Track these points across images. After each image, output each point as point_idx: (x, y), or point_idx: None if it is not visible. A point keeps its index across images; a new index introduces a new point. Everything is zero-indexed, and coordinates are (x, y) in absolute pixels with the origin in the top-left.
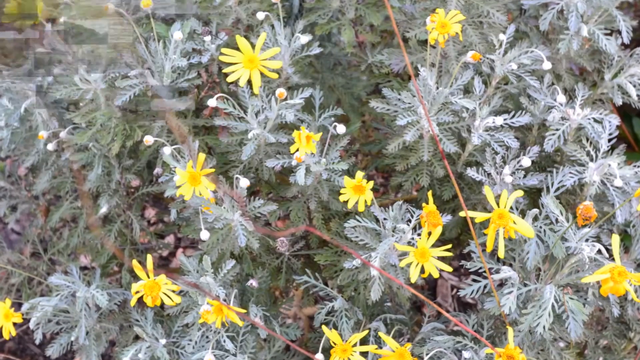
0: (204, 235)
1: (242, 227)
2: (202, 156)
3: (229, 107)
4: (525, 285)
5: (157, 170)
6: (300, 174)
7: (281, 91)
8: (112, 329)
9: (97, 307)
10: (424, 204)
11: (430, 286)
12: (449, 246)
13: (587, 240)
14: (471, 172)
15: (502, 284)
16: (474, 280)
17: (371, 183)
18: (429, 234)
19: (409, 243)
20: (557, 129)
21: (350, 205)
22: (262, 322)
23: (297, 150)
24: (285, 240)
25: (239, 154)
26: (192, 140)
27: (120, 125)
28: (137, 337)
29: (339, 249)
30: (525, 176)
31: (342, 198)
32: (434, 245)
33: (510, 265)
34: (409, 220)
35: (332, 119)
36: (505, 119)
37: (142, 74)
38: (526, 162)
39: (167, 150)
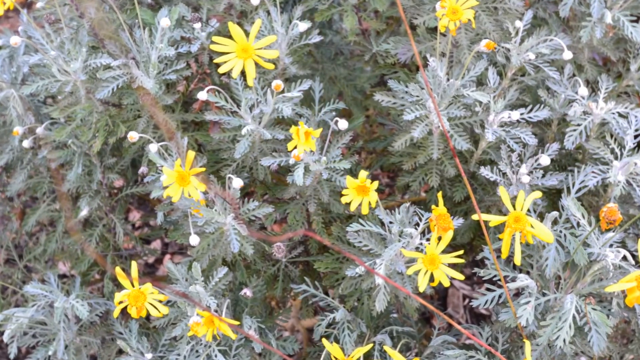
0: (194, 240)
1: (235, 231)
2: (191, 154)
3: (221, 101)
4: (544, 294)
5: (143, 169)
6: (299, 174)
7: (278, 83)
8: (93, 342)
9: (77, 318)
10: (433, 206)
11: (440, 296)
12: (461, 252)
13: (611, 245)
14: (485, 172)
15: (518, 293)
16: (488, 290)
17: (376, 183)
18: (439, 238)
19: (417, 249)
20: (578, 125)
21: (353, 208)
22: (257, 334)
23: (295, 147)
24: (282, 245)
25: (231, 151)
26: (180, 136)
27: (102, 121)
28: (120, 352)
29: (340, 255)
30: (543, 176)
31: (344, 200)
32: (444, 251)
33: (528, 273)
34: (417, 224)
35: (333, 113)
36: (522, 114)
37: (125, 64)
38: (545, 160)
39: (153, 147)
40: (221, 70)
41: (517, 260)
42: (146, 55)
